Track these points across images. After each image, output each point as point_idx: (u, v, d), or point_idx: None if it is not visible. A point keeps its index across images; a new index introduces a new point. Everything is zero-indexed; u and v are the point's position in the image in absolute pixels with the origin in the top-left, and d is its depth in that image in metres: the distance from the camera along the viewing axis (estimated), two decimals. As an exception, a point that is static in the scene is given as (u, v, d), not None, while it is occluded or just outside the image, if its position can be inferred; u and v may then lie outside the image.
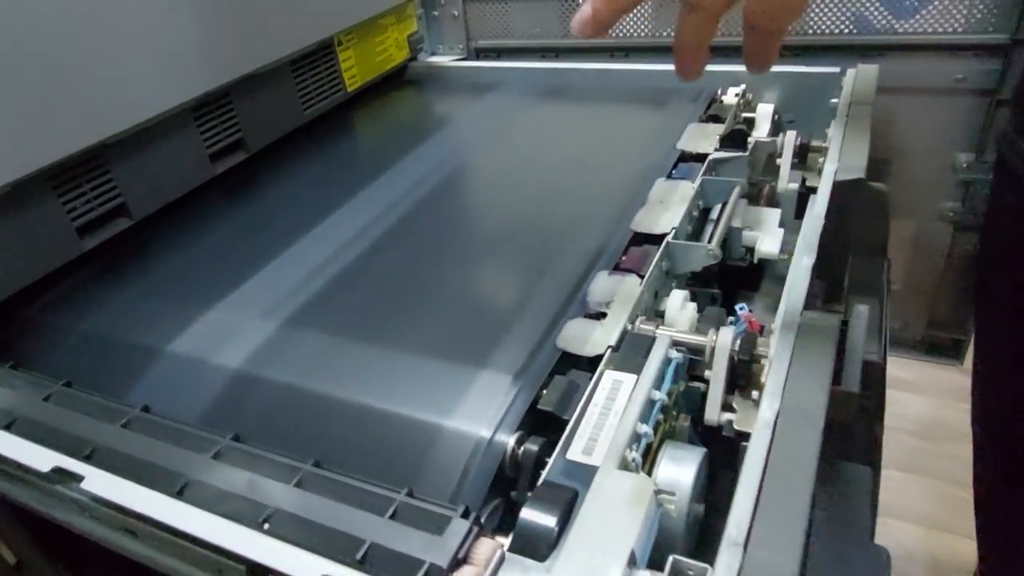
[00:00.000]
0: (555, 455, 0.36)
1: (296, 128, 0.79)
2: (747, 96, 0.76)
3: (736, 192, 0.59)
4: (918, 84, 0.84)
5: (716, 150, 0.64)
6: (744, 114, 0.77)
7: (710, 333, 0.44)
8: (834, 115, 0.70)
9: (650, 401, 0.38)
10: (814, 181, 0.68)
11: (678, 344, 0.44)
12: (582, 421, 0.37)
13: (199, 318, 0.50)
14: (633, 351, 0.42)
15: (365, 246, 0.56)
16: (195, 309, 0.51)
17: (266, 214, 0.66)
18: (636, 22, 0.93)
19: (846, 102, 0.69)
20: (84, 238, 0.59)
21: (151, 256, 0.60)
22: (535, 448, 0.37)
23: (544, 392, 0.40)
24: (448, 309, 0.49)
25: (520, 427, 0.38)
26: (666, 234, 0.53)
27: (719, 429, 0.43)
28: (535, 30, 0.98)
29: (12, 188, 0.51)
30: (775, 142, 0.67)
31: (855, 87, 0.72)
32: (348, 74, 0.85)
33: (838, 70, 0.75)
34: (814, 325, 0.41)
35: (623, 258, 0.51)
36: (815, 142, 0.68)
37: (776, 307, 0.62)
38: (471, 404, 0.40)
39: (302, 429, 0.41)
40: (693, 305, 0.50)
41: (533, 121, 0.78)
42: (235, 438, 0.39)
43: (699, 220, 0.61)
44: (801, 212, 0.68)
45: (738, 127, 0.66)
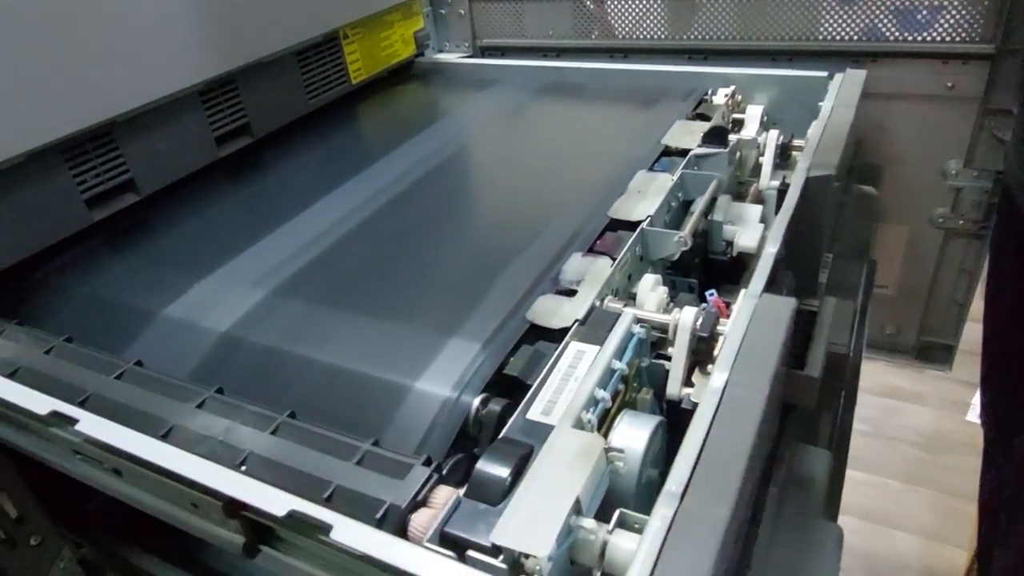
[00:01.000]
0: (515, 415, 0.38)
1: (301, 116, 0.82)
2: (736, 97, 0.79)
3: (713, 185, 0.61)
4: (909, 90, 0.85)
5: (699, 146, 0.66)
6: (734, 115, 0.79)
7: (674, 312, 0.46)
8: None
9: (610, 370, 0.41)
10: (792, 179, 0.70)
11: (642, 321, 0.46)
12: (544, 385, 0.40)
13: (194, 285, 0.53)
14: (599, 325, 0.44)
15: (354, 224, 0.59)
16: (191, 277, 0.54)
17: (265, 194, 0.69)
18: (637, 25, 0.96)
19: (829, 104, 0.71)
20: (93, 210, 0.62)
21: (155, 229, 0.63)
22: (497, 408, 0.39)
23: (511, 360, 0.43)
24: (427, 283, 0.52)
25: (486, 390, 0.41)
26: (641, 221, 0.55)
27: (680, 403, 0.45)
28: (539, 30, 1.01)
29: (26, 159, 0.55)
30: (756, 140, 0.69)
31: (840, 90, 0.74)
32: (353, 67, 0.88)
33: (825, 74, 0.77)
34: (770, 306, 0.43)
35: (598, 242, 0.54)
36: (796, 141, 0.70)
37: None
38: (440, 367, 0.42)
39: (281, 386, 0.44)
40: (664, 289, 0.52)
41: (528, 116, 0.81)
42: (218, 391, 0.42)
43: (679, 212, 0.63)
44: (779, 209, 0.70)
45: (718, 124, 0.68)
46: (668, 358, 0.47)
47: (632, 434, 0.39)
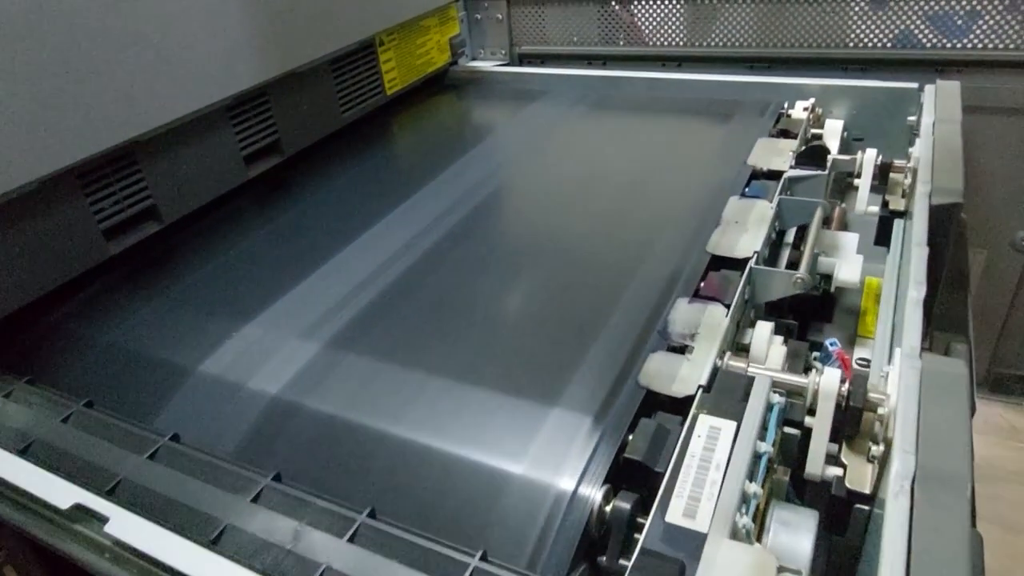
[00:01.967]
0: (651, 516, 0.31)
1: (333, 132, 0.74)
2: (817, 111, 0.72)
3: (819, 214, 0.54)
4: (991, 103, 0.78)
5: (792, 167, 0.59)
6: (812, 130, 0.72)
7: (811, 374, 0.39)
8: (912, 134, 0.65)
9: (756, 454, 0.33)
10: (897, 204, 0.63)
11: (777, 385, 0.39)
12: (679, 475, 0.32)
13: (232, 335, 0.46)
14: (728, 392, 0.37)
15: (411, 261, 0.52)
16: (227, 324, 0.47)
17: (302, 222, 0.61)
18: (689, 30, 0.88)
19: (930, 120, 0.64)
20: (110, 242, 0.54)
21: (180, 263, 0.56)
22: (627, 506, 0.32)
23: (631, 439, 0.35)
24: (509, 335, 0.44)
25: (606, 479, 0.33)
26: (747, 258, 0.48)
27: (821, 484, 0.38)
28: (581, 36, 0.93)
29: (39, 186, 0.47)
30: (854, 160, 0.62)
31: (937, 104, 0.66)
32: (388, 76, 0.81)
33: (915, 86, 0.70)
34: (940, 371, 0.36)
35: (702, 284, 0.46)
36: (897, 161, 0.63)
37: (854, 340, 0.57)
38: (546, 449, 0.35)
39: (349, 468, 0.36)
40: (780, 339, 0.45)
41: (584, 133, 0.73)
42: (276, 477, 0.35)
43: (774, 244, 0.56)
44: (881, 238, 0.63)
45: (816, 143, 0.61)
46: (796, 424, 0.40)
47: (795, 540, 0.32)
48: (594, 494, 0.32)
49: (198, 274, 0.54)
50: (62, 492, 0.34)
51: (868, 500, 0.36)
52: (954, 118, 0.64)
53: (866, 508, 0.36)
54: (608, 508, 0.32)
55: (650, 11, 0.89)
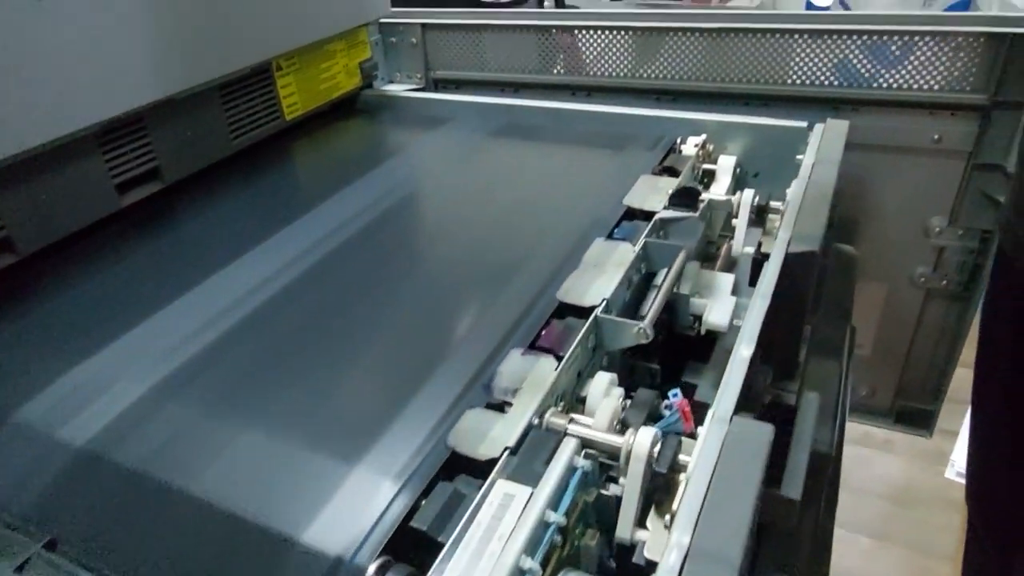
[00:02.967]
0: (418, 594, 0.30)
1: (223, 158, 0.73)
2: (708, 147, 0.72)
3: (681, 258, 0.53)
4: (893, 142, 0.79)
5: (665, 208, 0.59)
6: (705, 165, 0.72)
7: (628, 434, 0.38)
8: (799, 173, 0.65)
9: (543, 524, 0.32)
10: (769, 247, 0.63)
11: (590, 446, 0.38)
12: (459, 546, 0.31)
13: (57, 377, 0.44)
14: (533, 455, 0.36)
15: (256, 304, 0.50)
16: (58, 364, 0.45)
17: (172, 253, 0.60)
18: (601, 60, 0.88)
19: (810, 160, 0.64)
20: (-47, 275, 0.53)
21: (29, 300, 0.54)
22: (396, 581, 0.31)
23: (423, 505, 0.34)
24: (329, 387, 0.43)
25: (388, 548, 0.32)
26: (595, 306, 0.47)
27: (631, 549, 0.37)
28: (496, 63, 0.93)
29: None
30: (731, 201, 0.62)
31: (822, 144, 0.67)
32: (287, 101, 0.80)
33: (804, 124, 0.70)
34: (743, 438, 0.35)
35: (543, 333, 0.46)
36: (774, 203, 0.63)
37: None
38: (332, 512, 0.34)
39: (134, 531, 0.35)
40: (619, 392, 0.44)
41: (475, 164, 0.73)
42: (48, 545, 0.33)
43: (641, 284, 0.55)
44: (754, 280, 0.63)
45: (689, 185, 0.61)
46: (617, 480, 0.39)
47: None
48: (368, 565, 0.31)
49: (44, 309, 0.52)
50: None
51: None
52: (833, 159, 0.64)
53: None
54: (381, 582, 0.31)
55: (559, 40, 0.89)
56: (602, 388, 0.43)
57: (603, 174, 0.66)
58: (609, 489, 0.39)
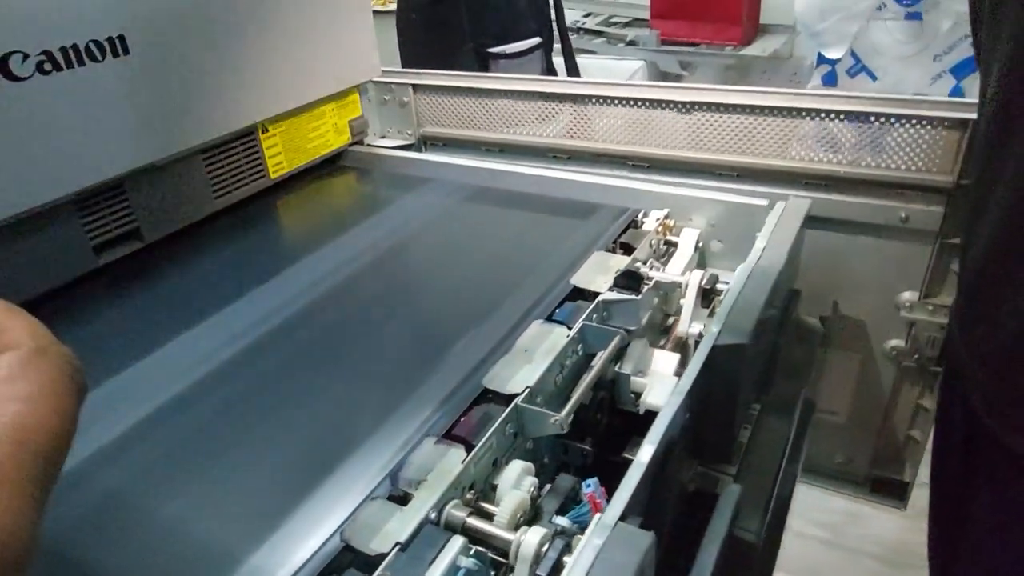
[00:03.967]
0: None
1: (205, 217, 0.76)
2: (668, 222, 0.73)
3: (615, 342, 0.54)
4: (862, 218, 0.80)
5: (609, 289, 0.60)
6: (669, 237, 0.74)
7: (519, 532, 0.39)
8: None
9: (413, 629, 0.34)
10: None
11: (481, 543, 0.40)
12: (329, 649, 0.33)
13: None
14: (421, 553, 0.37)
15: (200, 375, 0.53)
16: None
17: (142, 313, 0.63)
18: (584, 128, 0.91)
19: (762, 244, 0.65)
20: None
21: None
22: None
23: (309, 602, 0.36)
24: (230, 477, 0.45)
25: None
26: (518, 394, 0.48)
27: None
28: (479, 124, 0.96)
29: None
30: (677, 282, 0.63)
31: (778, 225, 0.68)
32: (273, 161, 0.83)
33: (765, 203, 0.71)
34: (622, 543, 0.37)
35: (462, 420, 0.47)
36: (720, 284, 0.64)
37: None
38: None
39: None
40: (532, 481, 0.45)
41: (439, 231, 0.75)
42: None
43: (579, 365, 0.56)
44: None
45: (632, 269, 0.62)
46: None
47: None
48: (240, 663, 0.33)
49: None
50: None
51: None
52: (785, 241, 0.65)
53: None
54: None
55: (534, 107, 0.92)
56: (512, 479, 0.45)
57: (560, 248, 0.68)
58: (505, 585, 0.40)
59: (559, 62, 1.88)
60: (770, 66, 2.45)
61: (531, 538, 0.38)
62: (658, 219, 0.73)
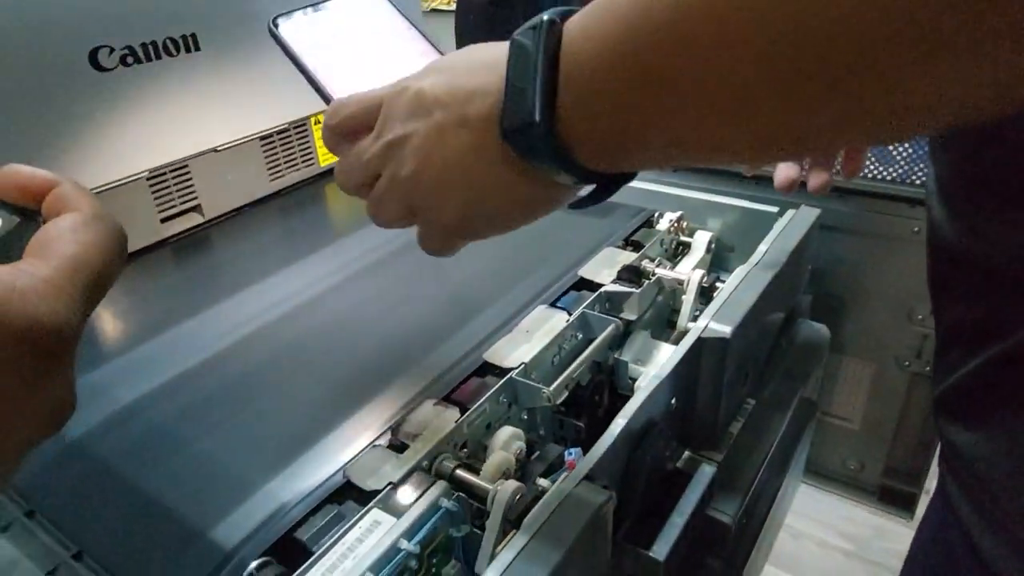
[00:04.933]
0: (280, 592, 0.38)
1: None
2: (682, 223, 0.77)
3: (610, 329, 0.59)
4: (875, 230, 0.82)
5: (612, 282, 0.65)
6: (682, 238, 0.78)
7: (496, 483, 0.45)
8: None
9: (394, 549, 0.40)
10: (712, 324, 0.68)
11: (464, 488, 0.45)
12: (321, 559, 0.39)
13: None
14: (408, 493, 0.43)
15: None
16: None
17: (187, 282, 0.71)
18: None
19: (765, 248, 0.68)
20: None
21: None
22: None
23: (310, 519, 0.42)
24: (271, 413, 0.52)
25: (273, 550, 0.41)
26: (513, 368, 0.54)
27: (485, 580, 0.44)
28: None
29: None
30: (678, 279, 0.68)
31: (784, 232, 0.71)
32: (323, 149, 0.91)
33: (775, 210, 0.75)
34: (581, 498, 0.42)
35: (461, 387, 0.53)
36: (719, 283, 0.68)
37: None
38: (237, 516, 0.42)
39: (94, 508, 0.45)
40: (520, 445, 0.51)
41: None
42: (28, 514, 0.43)
43: (577, 349, 0.61)
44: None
45: (632, 264, 0.67)
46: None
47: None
48: (249, 562, 0.40)
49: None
50: None
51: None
52: (786, 248, 0.68)
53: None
54: (256, 577, 0.40)
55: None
56: (503, 439, 0.50)
57: (574, 241, 0.73)
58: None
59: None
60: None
61: (506, 487, 0.44)
62: (671, 220, 0.77)
